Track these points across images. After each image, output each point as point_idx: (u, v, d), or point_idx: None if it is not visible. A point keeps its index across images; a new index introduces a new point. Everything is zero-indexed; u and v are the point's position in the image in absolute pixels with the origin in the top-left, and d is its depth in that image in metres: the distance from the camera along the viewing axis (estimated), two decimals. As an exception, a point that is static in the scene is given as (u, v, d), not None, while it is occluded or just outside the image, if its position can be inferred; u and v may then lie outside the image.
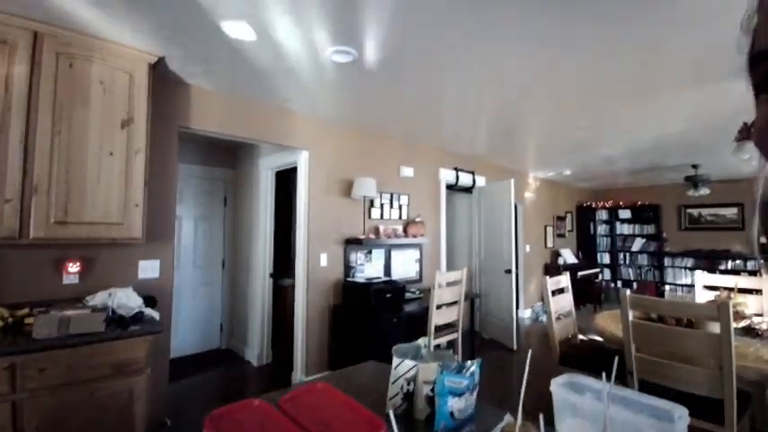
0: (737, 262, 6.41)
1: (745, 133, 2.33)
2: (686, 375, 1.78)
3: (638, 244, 7.58)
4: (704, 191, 5.40)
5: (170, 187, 2.48)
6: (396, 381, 1.00)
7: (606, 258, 7.88)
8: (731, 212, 6.68)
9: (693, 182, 5.42)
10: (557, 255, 6.76)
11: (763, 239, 0.27)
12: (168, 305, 2.44)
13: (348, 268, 3.34)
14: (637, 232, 7.65)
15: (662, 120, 3.38)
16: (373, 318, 2.89)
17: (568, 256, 6.84)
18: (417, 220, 3.97)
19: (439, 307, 3.12)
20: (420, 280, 4.03)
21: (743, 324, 2.42)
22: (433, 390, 0.94)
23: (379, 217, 3.69)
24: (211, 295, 4.08)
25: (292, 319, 3.20)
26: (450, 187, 4.72)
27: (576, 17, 1.77)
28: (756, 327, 2.35)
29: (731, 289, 2.75)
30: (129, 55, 2.04)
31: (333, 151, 3.38)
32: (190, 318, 3.87)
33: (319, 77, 2.46)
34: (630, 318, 2.10)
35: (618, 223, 7.81)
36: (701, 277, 3.21)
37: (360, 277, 3.32)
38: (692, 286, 6.24)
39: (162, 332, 2.12)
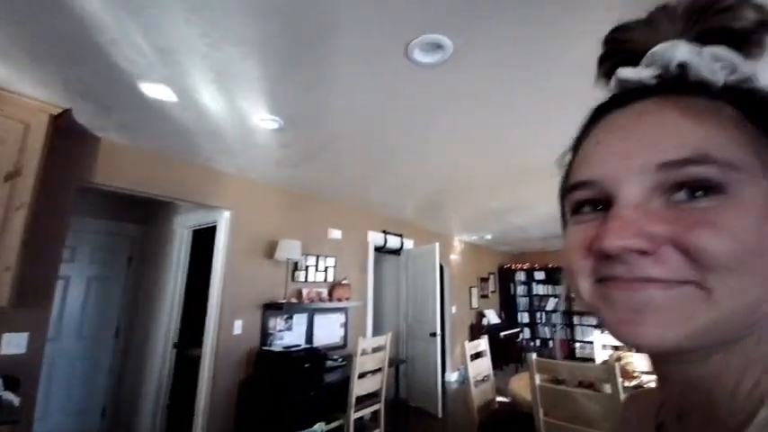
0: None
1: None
2: None
3: (551, 303, 8.19)
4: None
5: (56, 246, 2.19)
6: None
7: (526, 318, 8.35)
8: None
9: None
10: (481, 315, 7.01)
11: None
12: (34, 387, 2.04)
13: (265, 336, 3.12)
14: (550, 292, 8.30)
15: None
16: (289, 391, 2.67)
17: (492, 317, 7.13)
18: (344, 282, 3.93)
19: (362, 375, 3.00)
20: (344, 346, 3.88)
21: (634, 383, 2.64)
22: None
23: (303, 279, 3.58)
24: (95, 372, 3.47)
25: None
26: (378, 249, 4.80)
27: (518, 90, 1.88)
28: (646, 385, 2.58)
29: (618, 347, 3.04)
30: (27, 105, 1.89)
31: (258, 212, 3.30)
32: (63, 401, 3.23)
33: (246, 140, 2.47)
34: (537, 382, 2.20)
35: (534, 284, 8.43)
36: (599, 336, 3.53)
37: (277, 345, 3.10)
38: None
39: (20, 422, 1.75)
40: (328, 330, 3.74)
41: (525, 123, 2.22)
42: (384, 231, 4.74)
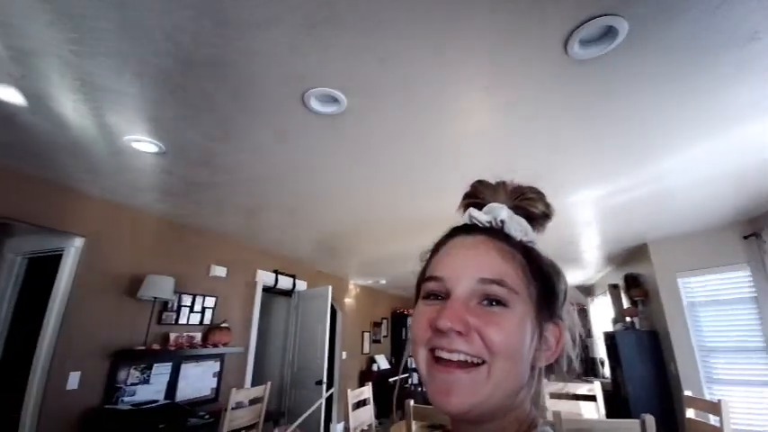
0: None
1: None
2: None
3: (438, 348, 8.57)
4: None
5: None
6: None
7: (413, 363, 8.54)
8: (498, 321, 8.42)
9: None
10: (372, 361, 6.97)
11: None
12: None
13: (112, 390, 2.60)
14: (437, 337, 8.70)
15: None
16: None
17: (382, 362, 7.14)
18: (223, 325, 3.56)
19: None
20: (215, 399, 3.44)
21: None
22: None
23: (172, 322, 3.15)
24: None
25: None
26: (268, 290, 4.53)
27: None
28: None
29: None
30: None
31: (123, 241, 2.87)
32: None
33: (117, 161, 2.19)
34: (414, 429, 2.23)
35: (423, 329, 8.76)
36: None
37: (127, 402, 2.60)
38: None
39: None
40: (197, 381, 3.29)
41: (416, 180, 2.42)
42: (276, 271, 4.52)
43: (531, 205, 0.48)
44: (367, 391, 3.14)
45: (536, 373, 0.43)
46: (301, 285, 4.96)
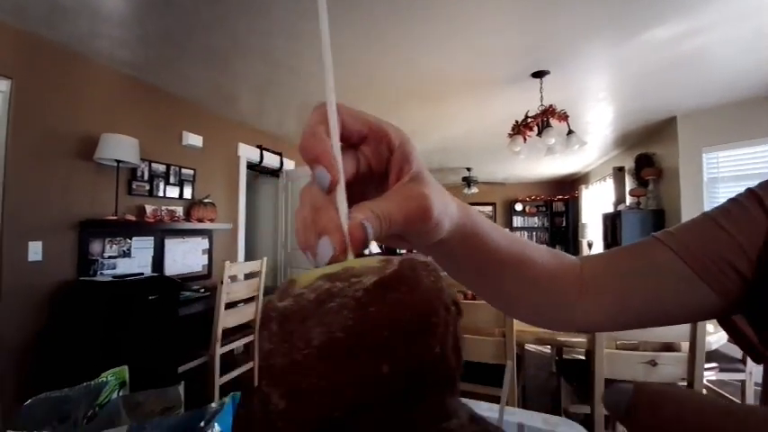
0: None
1: (516, 130, 2.70)
2: (476, 346, 1.81)
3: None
4: (474, 190, 6.56)
5: None
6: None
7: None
8: (488, 210, 8.49)
9: (467, 181, 6.51)
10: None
11: None
12: None
13: (86, 263, 2.28)
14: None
15: (448, 122, 3.76)
16: (125, 329, 2.00)
17: (374, 248, 7.20)
18: (207, 201, 3.18)
19: (232, 305, 2.49)
20: (209, 275, 3.24)
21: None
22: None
23: (145, 193, 2.72)
24: None
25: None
26: (252, 167, 4.07)
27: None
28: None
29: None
30: None
31: (63, 89, 2.24)
32: None
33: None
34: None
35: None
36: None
37: (107, 275, 2.31)
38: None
39: None
40: (186, 258, 3.03)
41: (416, 37, 1.87)
42: (260, 147, 3.99)
43: None
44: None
45: None
46: (289, 165, 4.51)
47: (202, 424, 0.46)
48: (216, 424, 0.44)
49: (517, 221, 8.28)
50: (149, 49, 2.30)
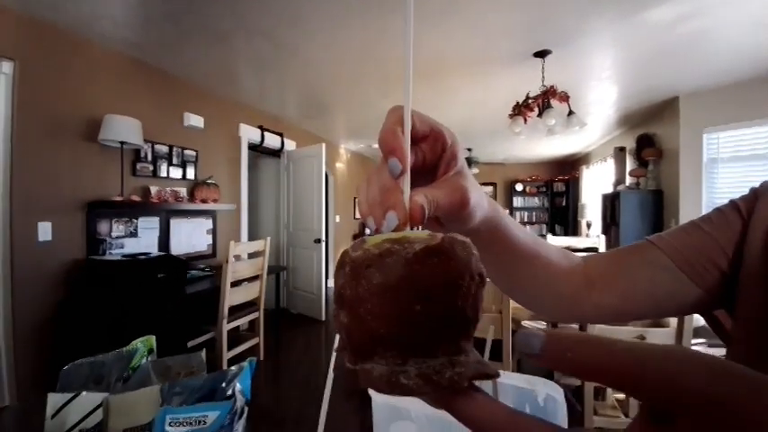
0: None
1: (516, 110, 2.70)
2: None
3: (427, 215, 8.79)
4: (475, 170, 6.57)
5: None
6: (56, 439, 0.47)
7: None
8: (489, 190, 8.50)
9: (468, 162, 6.51)
10: (363, 226, 7.06)
11: None
12: None
13: (95, 243, 2.34)
14: (426, 205, 8.85)
15: (449, 101, 3.74)
16: (135, 305, 2.08)
17: (373, 227, 7.26)
18: (210, 182, 3.21)
19: (237, 283, 2.57)
20: (213, 255, 3.32)
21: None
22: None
23: (150, 174, 2.75)
24: None
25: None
26: (254, 148, 4.08)
27: None
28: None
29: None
30: None
31: (67, 70, 2.24)
32: None
33: None
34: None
35: (413, 197, 8.83)
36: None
37: (116, 254, 2.38)
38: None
39: None
40: (191, 238, 3.09)
41: (441, 11, 1.83)
42: (261, 127, 3.99)
43: None
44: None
45: None
46: (290, 145, 4.51)
47: (224, 384, 0.52)
48: (237, 383, 0.50)
49: (517, 202, 8.30)
50: (151, 29, 2.28)
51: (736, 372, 0.12)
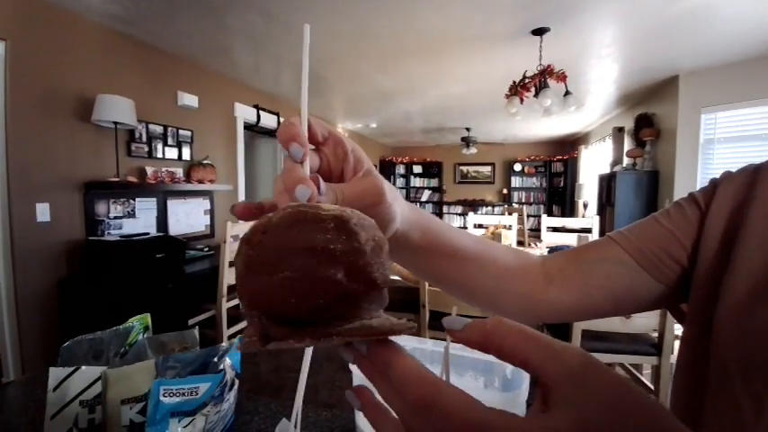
0: (489, 208, 8.29)
1: (513, 90, 2.67)
2: (441, 299, 1.95)
3: (426, 195, 8.80)
4: (473, 150, 6.53)
5: None
6: (61, 410, 0.51)
7: (402, 208, 8.86)
8: (487, 170, 8.48)
9: (466, 142, 6.46)
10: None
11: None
12: None
13: (93, 223, 2.37)
14: (425, 185, 8.85)
15: (447, 79, 3.69)
16: (135, 285, 2.13)
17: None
18: (206, 162, 3.21)
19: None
20: (212, 235, 3.35)
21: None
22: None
23: (145, 155, 2.75)
24: None
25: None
26: (250, 128, 4.05)
27: None
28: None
29: (489, 226, 3.30)
30: None
31: (58, 49, 2.21)
32: None
33: None
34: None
35: (412, 177, 8.82)
36: (472, 217, 3.79)
37: (114, 235, 2.41)
38: (465, 227, 7.75)
39: None
40: (189, 218, 3.11)
41: None
42: (257, 106, 3.95)
43: None
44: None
45: None
46: (287, 125, 4.47)
47: (216, 359, 0.55)
48: (227, 358, 0.54)
49: (516, 182, 8.30)
50: (141, 1, 2.23)
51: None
